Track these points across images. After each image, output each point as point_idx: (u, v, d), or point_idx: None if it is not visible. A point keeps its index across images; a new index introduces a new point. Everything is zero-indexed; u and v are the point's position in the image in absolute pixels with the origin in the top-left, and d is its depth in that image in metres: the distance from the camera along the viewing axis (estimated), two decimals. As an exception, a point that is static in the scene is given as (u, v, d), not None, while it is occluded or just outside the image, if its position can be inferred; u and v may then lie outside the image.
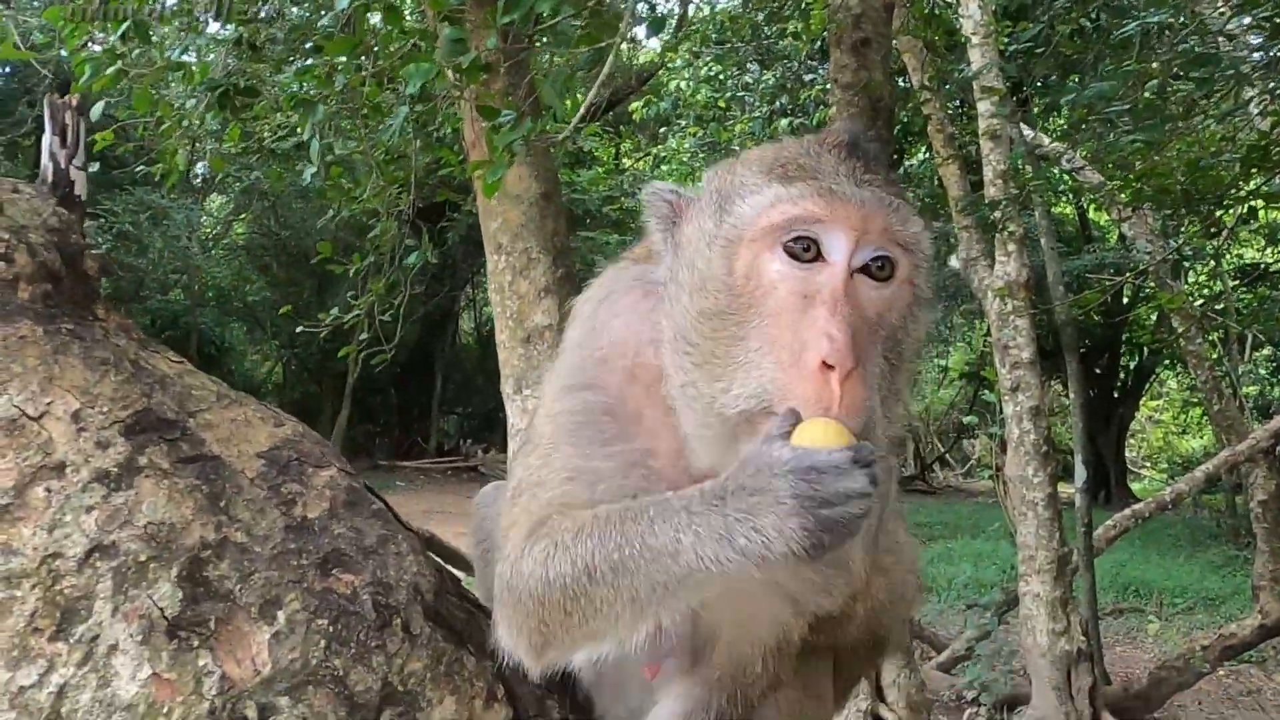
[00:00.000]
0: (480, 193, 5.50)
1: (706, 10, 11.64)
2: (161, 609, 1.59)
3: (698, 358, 1.89)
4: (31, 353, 1.65)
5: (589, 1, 4.34)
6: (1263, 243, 22.44)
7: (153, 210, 25.57)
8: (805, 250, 1.83)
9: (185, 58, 5.85)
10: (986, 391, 24.46)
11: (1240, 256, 23.60)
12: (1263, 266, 21.59)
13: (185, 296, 29.71)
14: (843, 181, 1.85)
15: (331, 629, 1.68)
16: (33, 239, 1.69)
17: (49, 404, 1.62)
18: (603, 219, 27.15)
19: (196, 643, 1.60)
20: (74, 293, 1.75)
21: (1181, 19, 7.14)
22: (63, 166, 2.07)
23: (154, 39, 5.83)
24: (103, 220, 23.94)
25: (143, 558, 1.61)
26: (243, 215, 32.82)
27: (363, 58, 5.35)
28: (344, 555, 1.74)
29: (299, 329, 7.25)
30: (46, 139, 2.13)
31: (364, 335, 7.04)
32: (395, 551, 1.81)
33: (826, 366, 1.74)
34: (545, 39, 5.40)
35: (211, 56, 6.63)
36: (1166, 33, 6.54)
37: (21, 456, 1.60)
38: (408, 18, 7.91)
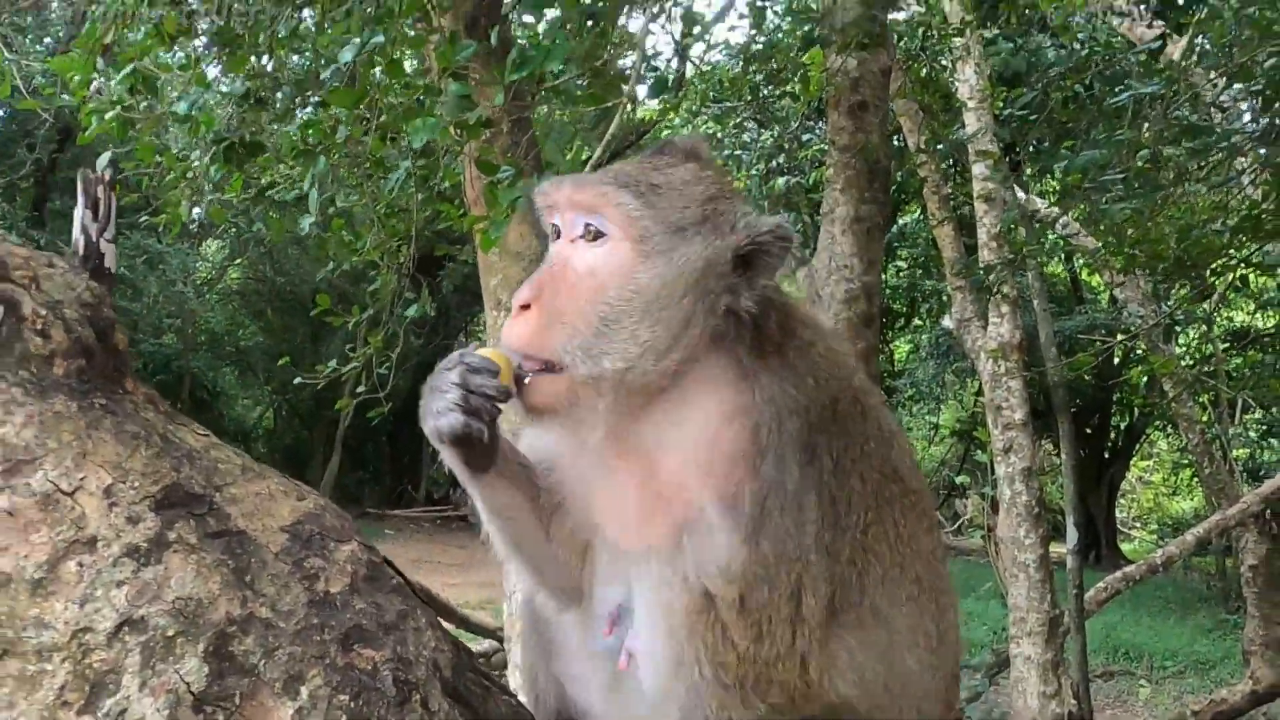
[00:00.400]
0: (479, 248, 5.56)
1: (707, 68, 11.75)
2: (188, 684, 1.60)
3: None
4: (66, 428, 1.68)
5: (595, 61, 4.40)
6: (1253, 306, 22.60)
7: (149, 254, 25.61)
8: (552, 229, 2.25)
9: (191, 107, 5.88)
10: (978, 451, 24.48)
11: (1230, 319, 23.75)
12: (1253, 331, 21.71)
13: (178, 340, 29.69)
14: (583, 175, 2.30)
15: (353, 705, 1.70)
16: (68, 314, 1.73)
17: (82, 479, 1.65)
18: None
19: (221, 718, 1.62)
20: (105, 367, 1.78)
21: (1174, 89, 7.26)
22: (94, 239, 2.11)
23: (159, 88, 5.89)
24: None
25: (170, 632, 1.63)
26: (238, 260, 32.89)
27: (366, 111, 5.39)
28: (365, 631, 1.77)
29: (296, 380, 7.27)
30: (79, 212, 2.17)
31: (361, 389, 7.05)
32: (414, 627, 1.84)
33: (515, 307, 2.15)
34: (550, 97, 5.47)
35: (215, 106, 6.69)
36: (1158, 102, 6.65)
37: (55, 531, 1.63)
38: (409, 64, 7.98)
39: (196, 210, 7.71)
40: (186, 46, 6.08)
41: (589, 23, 4.13)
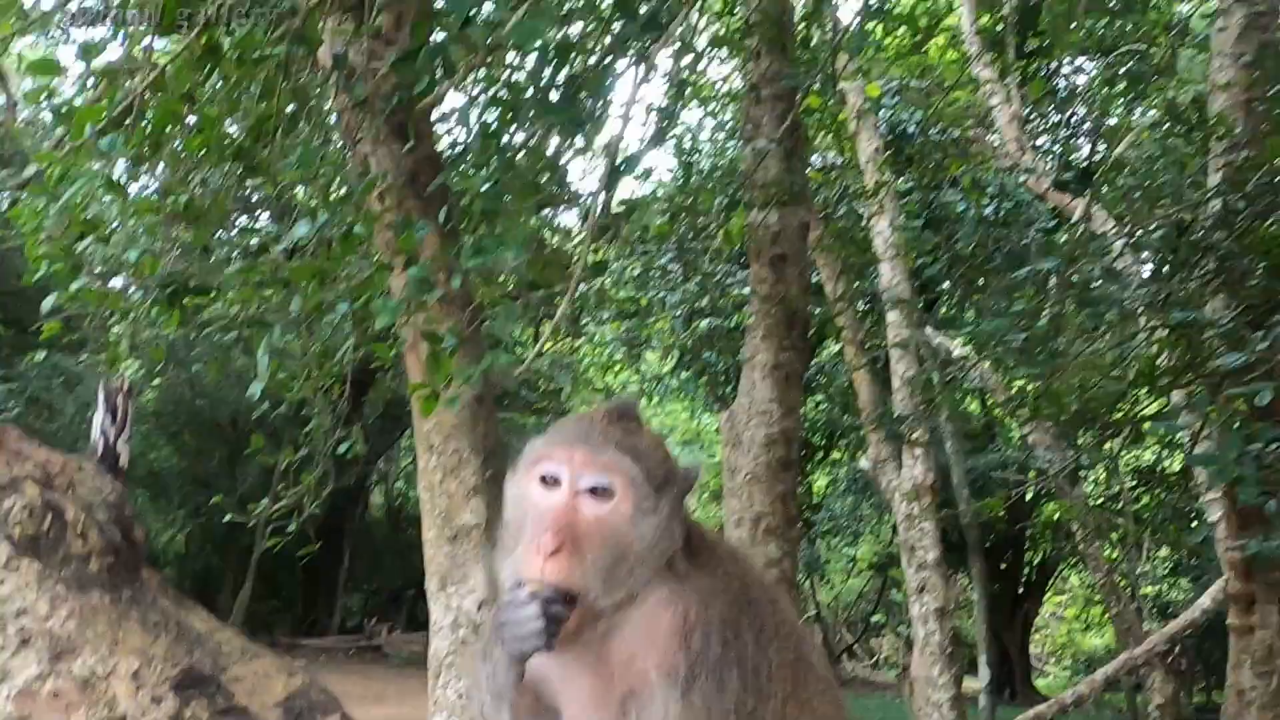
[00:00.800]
0: (420, 413, 5.76)
1: (635, 219, 12.20)
2: None
3: (505, 550, 2.70)
4: (102, 620, 1.87)
5: (544, 251, 4.70)
6: (1158, 446, 23.26)
7: (66, 375, 25.25)
8: (547, 480, 2.64)
9: (140, 256, 6.02)
10: (894, 590, 24.70)
11: (1138, 458, 24.41)
12: (1160, 470, 22.34)
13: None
14: (579, 435, 2.69)
15: None
16: (100, 517, 1.93)
17: (115, 665, 1.84)
18: (520, 400, 27.47)
19: None
20: (128, 560, 1.98)
21: (1075, 255, 7.76)
22: (112, 441, 2.30)
23: (110, 236, 6.05)
24: (14, 385, 23.61)
25: (188, 804, 1.80)
26: (156, 381, 32.46)
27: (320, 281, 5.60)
28: (349, 798, 1.95)
29: (227, 518, 7.33)
30: (99, 417, 2.37)
31: (291, 527, 7.14)
32: (389, 792, 2.01)
33: (542, 549, 2.52)
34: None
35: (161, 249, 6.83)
36: (1055, 274, 7.11)
37: (92, 711, 1.81)
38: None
39: (118, 327, 7.79)
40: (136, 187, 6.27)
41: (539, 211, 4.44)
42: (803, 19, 9.64)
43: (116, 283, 7.33)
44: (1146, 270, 8.93)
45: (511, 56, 4.93)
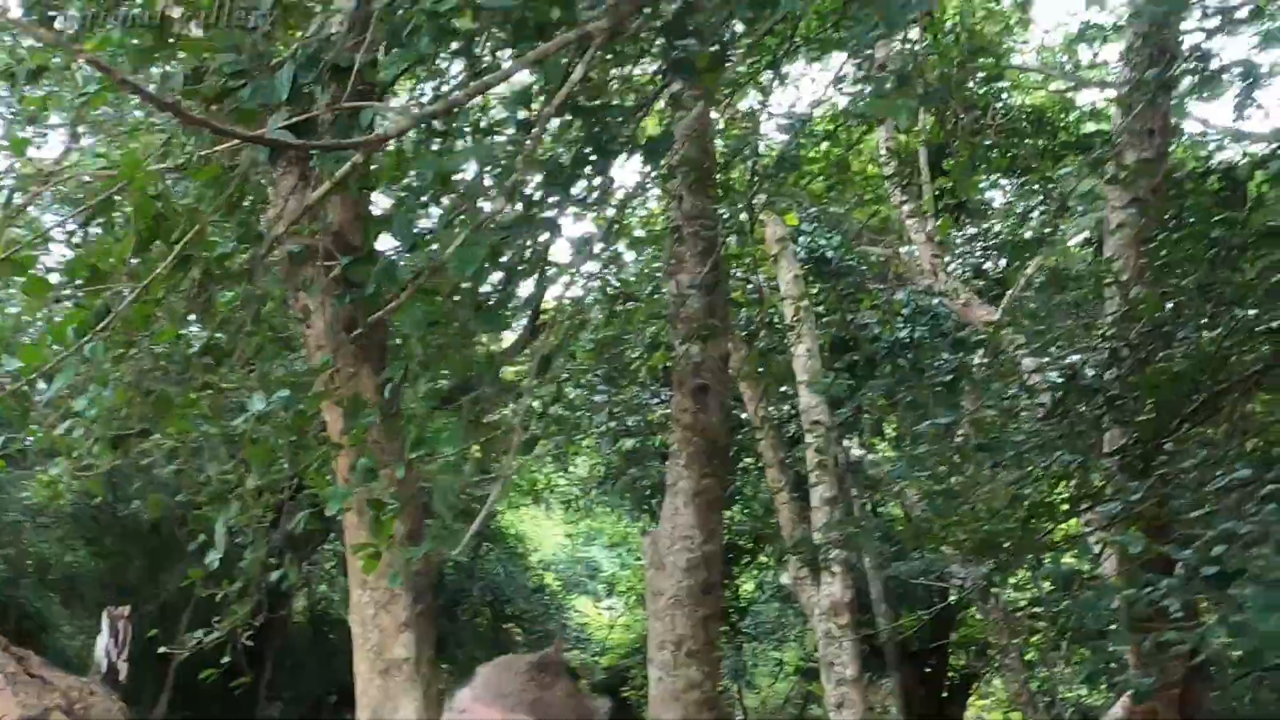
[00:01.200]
0: (362, 570, 5.98)
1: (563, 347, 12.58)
2: None
3: None
4: None
5: (483, 436, 5.04)
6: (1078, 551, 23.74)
7: (-14, 477, 24.82)
8: None
9: (89, 403, 6.23)
10: (815, 706, 24.76)
11: (1058, 562, 24.78)
12: (1080, 574, 22.78)
13: (7, 568, 28.47)
14: (498, 694, 2.78)
15: None
16: None
17: None
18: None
19: None
20: None
21: (978, 386, 8.28)
22: (113, 659, 2.56)
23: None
24: (-66, 490, 23.17)
25: None
26: (74, 485, 31.82)
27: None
28: None
29: (161, 650, 7.44)
30: (103, 639, 2.64)
31: (226, 659, 7.28)
32: None
33: None
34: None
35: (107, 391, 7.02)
36: (959, 423, 7.62)
37: None
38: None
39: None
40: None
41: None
42: (723, 165, 10.15)
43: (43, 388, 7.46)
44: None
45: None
